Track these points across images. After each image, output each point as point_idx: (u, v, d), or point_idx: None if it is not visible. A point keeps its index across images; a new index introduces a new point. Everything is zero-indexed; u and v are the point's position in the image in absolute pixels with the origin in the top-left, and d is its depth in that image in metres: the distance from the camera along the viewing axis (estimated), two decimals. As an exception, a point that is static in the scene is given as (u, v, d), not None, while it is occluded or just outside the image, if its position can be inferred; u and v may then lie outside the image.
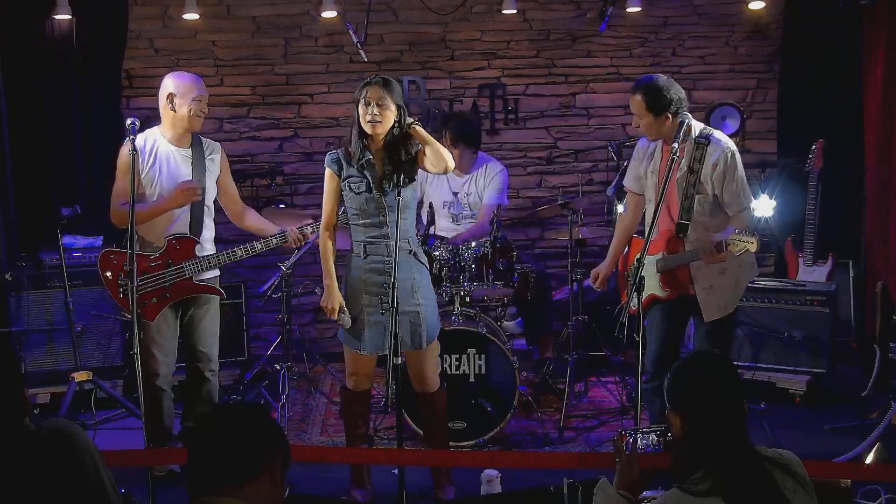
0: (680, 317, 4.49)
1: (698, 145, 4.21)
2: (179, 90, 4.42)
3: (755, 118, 6.96)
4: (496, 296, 5.35)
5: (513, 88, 6.92)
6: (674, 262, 4.28)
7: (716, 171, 4.20)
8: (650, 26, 6.92)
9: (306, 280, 6.76)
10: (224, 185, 4.66)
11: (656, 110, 4.18)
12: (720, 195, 4.23)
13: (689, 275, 4.29)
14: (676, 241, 4.29)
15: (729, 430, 2.51)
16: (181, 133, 4.48)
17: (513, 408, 4.93)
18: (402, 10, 6.73)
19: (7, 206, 5.93)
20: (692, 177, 4.20)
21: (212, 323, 4.62)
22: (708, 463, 2.47)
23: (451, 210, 5.81)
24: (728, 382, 2.59)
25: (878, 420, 4.84)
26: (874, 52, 6.29)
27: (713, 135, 4.26)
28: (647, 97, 4.19)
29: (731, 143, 4.29)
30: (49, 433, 2.53)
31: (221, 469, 2.12)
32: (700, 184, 4.22)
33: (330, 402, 5.74)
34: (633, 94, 4.25)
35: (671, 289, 4.33)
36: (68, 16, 5.95)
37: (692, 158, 4.21)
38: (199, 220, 4.51)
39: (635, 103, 4.24)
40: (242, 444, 2.14)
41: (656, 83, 4.21)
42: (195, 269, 4.47)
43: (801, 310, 5.65)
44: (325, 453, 4.46)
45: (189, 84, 4.44)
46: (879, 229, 6.29)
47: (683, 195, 4.22)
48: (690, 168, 4.21)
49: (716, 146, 4.22)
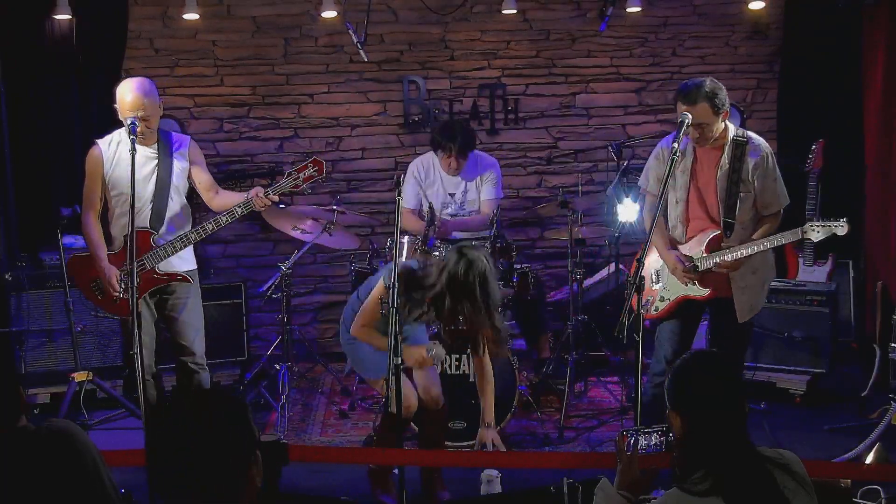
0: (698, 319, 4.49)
1: (737, 144, 4.21)
2: (118, 104, 4.48)
3: (755, 118, 6.95)
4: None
5: (513, 88, 6.91)
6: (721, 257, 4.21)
7: (758, 171, 4.21)
8: (650, 26, 6.92)
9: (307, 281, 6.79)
10: (196, 178, 4.69)
11: (719, 111, 4.14)
12: (759, 195, 4.24)
13: (726, 275, 4.26)
14: (721, 241, 4.25)
15: (729, 430, 2.50)
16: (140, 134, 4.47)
17: (513, 408, 4.92)
18: (402, 10, 6.72)
19: (7, 206, 5.93)
20: (735, 175, 4.18)
21: (190, 316, 4.64)
22: (708, 463, 2.46)
23: (448, 210, 5.85)
24: (729, 383, 2.59)
25: (878, 420, 4.83)
26: (874, 52, 6.29)
27: (749, 134, 4.28)
28: (711, 101, 4.11)
29: (768, 145, 4.32)
30: (49, 434, 2.53)
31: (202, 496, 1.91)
32: (743, 182, 4.21)
33: (330, 402, 5.74)
34: (692, 104, 4.11)
35: (710, 288, 4.28)
36: (68, 16, 5.95)
37: (732, 157, 4.21)
38: (160, 215, 4.55)
39: (701, 112, 4.11)
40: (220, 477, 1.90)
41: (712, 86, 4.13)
42: (155, 260, 4.52)
43: (801, 310, 5.65)
44: (325, 453, 4.46)
45: (120, 102, 4.44)
46: (879, 229, 6.29)
47: (727, 193, 4.19)
48: (732, 167, 4.19)
49: (755, 146, 4.23)
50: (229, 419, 1.96)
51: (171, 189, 4.58)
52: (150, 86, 4.50)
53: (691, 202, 4.35)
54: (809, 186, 5.98)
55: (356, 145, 6.85)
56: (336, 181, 6.83)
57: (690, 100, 4.13)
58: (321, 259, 6.85)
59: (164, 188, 4.55)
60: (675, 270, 4.31)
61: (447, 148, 5.69)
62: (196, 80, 6.66)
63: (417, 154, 6.55)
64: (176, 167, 4.60)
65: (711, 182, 4.26)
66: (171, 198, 4.59)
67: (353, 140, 6.85)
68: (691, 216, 4.35)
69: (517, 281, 5.34)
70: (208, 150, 6.65)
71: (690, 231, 4.36)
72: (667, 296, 4.40)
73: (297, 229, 5.75)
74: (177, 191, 4.62)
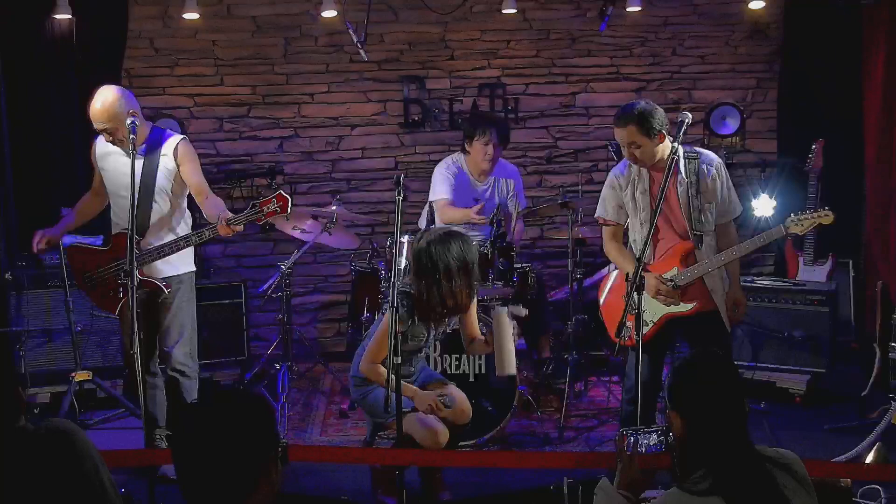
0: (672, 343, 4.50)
1: (690, 159, 4.22)
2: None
3: (755, 118, 6.96)
4: (496, 296, 5.34)
5: (513, 88, 6.92)
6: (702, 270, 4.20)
7: (716, 182, 4.23)
8: (650, 26, 6.92)
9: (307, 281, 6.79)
10: (186, 178, 4.54)
11: (650, 134, 4.10)
12: (718, 204, 4.25)
13: (703, 287, 4.24)
14: (693, 254, 4.24)
15: (729, 430, 2.51)
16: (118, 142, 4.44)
17: (513, 408, 4.93)
18: (402, 10, 6.72)
19: (7, 206, 5.93)
20: (693, 188, 4.19)
21: (172, 321, 4.53)
22: (708, 463, 2.47)
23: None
24: (729, 383, 2.59)
25: (878, 420, 4.83)
26: (874, 52, 6.29)
27: (698, 150, 4.32)
28: (641, 124, 4.10)
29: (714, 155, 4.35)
30: (48, 433, 2.53)
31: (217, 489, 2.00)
32: (703, 193, 4.21)
33: (330, 401, 5.74)
34: (622, 126, 4.14)
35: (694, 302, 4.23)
36: (68, 16, 5.95)
37: (688, 170, 4.20)
38: (145, 216, 4.46)
39: (628, 133, 4.12)
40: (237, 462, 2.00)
41: (642, 108, 4.14)
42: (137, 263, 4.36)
43: (801, 310, 5.65)
44: (325, 453, 4.45)
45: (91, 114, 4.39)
46: (879, 229, 6.29)
47: (690, 207, 4.19)
48: (690, 180, 4.19)
49: (707, 158, 4.26)
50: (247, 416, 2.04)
51: (155, 192, 4.47)
52: (116, 99, 4.37)
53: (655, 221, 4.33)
54: (809, 186, 5.98)
55: (356, 145, 6.85)
56: (336, 181, 6.84)
57: (620, 122, 4.17)
58: (321, 259, 6.86)
59: (147, 191, 4.44)
60: (656, 293, 4.24)
61: (487, 133, 5.59)
62: (196, 80, 6.66)
63: (417, 154, 6.57)
64: (161, 169, 4.49)
65: (673, 197, 4.23)
66: (157, 201, 4.49)
67: (353, 140, 6.85)
68: (659, 236, 4.31)
69: (517, 281, 5.34)
70: (208, 149, 6.66)
71: (659, 250, 4.33)
72: (650, 318, 4.31)
73: (297, 229, 5.75)
74: (163, 194, 4.51)
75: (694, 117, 4.25)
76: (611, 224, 4.41)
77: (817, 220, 4.10)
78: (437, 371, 4.74)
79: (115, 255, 4.45)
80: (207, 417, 2.06)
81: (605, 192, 4.44)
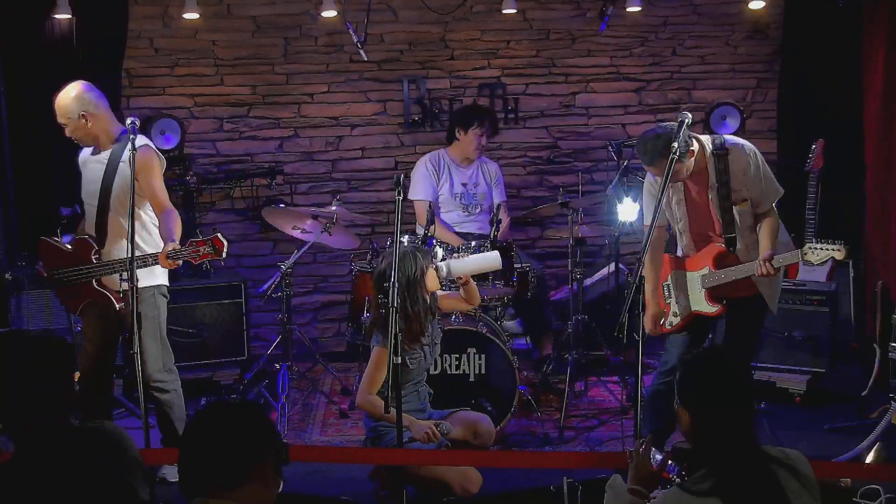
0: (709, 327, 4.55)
1: (718, 157, 4.16)
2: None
3: (755, 118, 6.96)
4: (496, 295, 5.35)
5: (513, 88, 6.91)
6: (728, 276, 4.23)
7: (747, 176, 4.18)
8: (650, 26, 6.92)
9: (307, 281, 6.78)
10: (142, 188, 4.29)
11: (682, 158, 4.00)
12: (753, 197, 4.22)
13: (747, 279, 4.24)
14: (727, 255, 4.26)
15: (736, 428, 2.48)
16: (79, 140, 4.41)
17: (513, 407, 4.92)
18: (402, 10, 6.72)
19: (7, 206, 5.93)
20: (724, 190, 4.16)
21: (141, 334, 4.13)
22: (711, 462, 2.46)
23: (462, 201, 5.95)
24: (738, 381, 2.56)
25: (878, 420, 4.83)
26: (874, 52, 6.28)
27: (727, 141, 4.22)
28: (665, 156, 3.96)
29: (749, 143, 4.28)
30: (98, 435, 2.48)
31: (211, 472, 2.12)
32: (735, 191, 4.17)
33: (330, 402, 5.74)
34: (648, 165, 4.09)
35: (720, 305, 4.29)
36: (68, 16, 5.94)
37: (718, 172, 4.16)
38: (102, 228, 4.37)
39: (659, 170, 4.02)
40: (232, 448, 2.14)
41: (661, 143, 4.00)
42: (91, 274, 4.33)
43: (801, 310, 5.64)
44: (325, 453, 4.45)
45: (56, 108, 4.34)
46: (879, 229, 6.29)
47: (722, 210, 4.18)
48: (720, 182, 4.16)
49: (737, 151, 4.18)
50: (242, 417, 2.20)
51: (111, 200, 4.34)
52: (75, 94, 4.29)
53: (693, 228, 4.35)
54: (809, 186, 5.97)
55: (356, 145, 6.85)
56: (336, 181, 6.84)
57: (646, 162, 4.11)
58: (321, 259, 6.85)
59: (105, 199, 4.33)
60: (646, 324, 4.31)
61: (481, 123, 5.88)
62: (196, 80, 6.66)
63: (417, 154, 6.56)
64: (120, 178, 4.32)
65: (706, 203, 4.24)
66: (114, 210, 4.35)
67: (353, 140, 6.85)
68: (697, 239, 4.36)
69: (517, 280, 5.34)
70: (208, 149, 6.67)
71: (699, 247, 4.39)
72: (679, 311, 4.39)
73: (297, 229, 5.75)
74: (119, 203, 4.33)
75: (694, 117, 4.24)
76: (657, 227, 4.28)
77: (832, 252, 4.10)
78: (437, 371, 4.76)
79: (75, 258, 4.36)
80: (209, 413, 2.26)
81: (645, 199, 4.45)
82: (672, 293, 4.45)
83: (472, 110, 6.10)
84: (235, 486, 2.11)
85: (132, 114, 5.20)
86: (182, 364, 5.83)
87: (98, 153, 4.46)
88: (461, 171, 6.01)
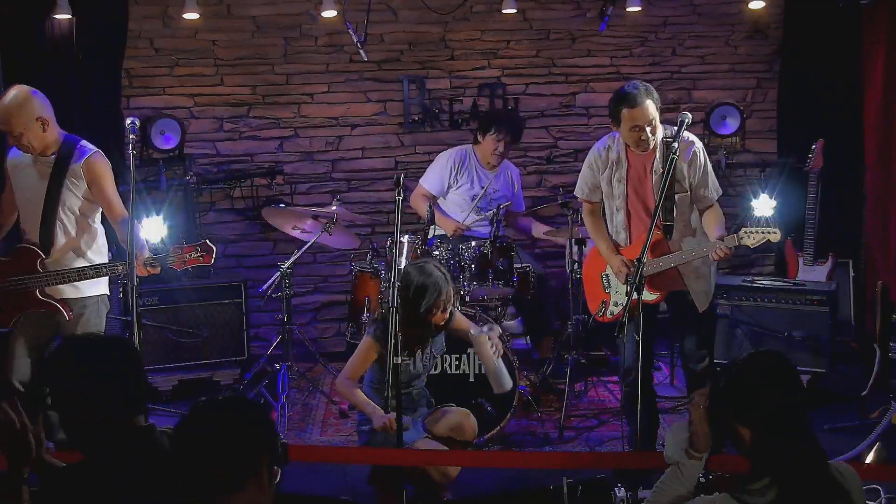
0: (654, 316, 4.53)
1: (667, 144, 4.21)
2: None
3: (755, 118, 6.96)
4: (496, 295, 5.35)
5: (513, 88, 6.91)
6: (666, 263, 4.27)
7: (691, 168, 4.25)
8: (650, 26, 6.92)
9: (307, 281, 6.78)
10: (97, 197, 4.25)
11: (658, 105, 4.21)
12: (696, 189, 4.28)
13: (676, 271, 4.31)
14: (662, 243, 4.29)
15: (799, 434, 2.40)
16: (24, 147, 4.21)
17: (513, 407, 4.92)
18: (402, 10, 6.72)
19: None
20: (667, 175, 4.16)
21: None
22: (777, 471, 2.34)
23: (479, 204, 5.87)
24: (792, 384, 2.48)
25: (878, 420, 4.83)
26: (874, 52, 6.29)
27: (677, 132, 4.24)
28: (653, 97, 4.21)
29: (697, 139, 4.38)
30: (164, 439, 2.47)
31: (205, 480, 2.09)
32: (678, 182, 4.23)
33: (330, 401, 5.74)
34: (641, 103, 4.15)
35: (660, 291, 4.35)
36: (68, 15, 5.94)
37: (664, 159, 4.22)
38: (49, 236, 4.21)
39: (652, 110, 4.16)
40: (226, 456, 2.10)
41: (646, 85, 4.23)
42: (38, 283, 4.19)
43: (801, 310, 5.64)
44: (325, 453, 4.46)
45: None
46: (879, 229, 6.29)
47: (663, 197, 4.18)
48: (664, 167, 4.18)
49: (684, 144, 4.23)
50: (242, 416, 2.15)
51: (60, 208, 4.20)
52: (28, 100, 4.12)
53: (632, 208, 4.41)
54: (809, 186, 5.98)
55: (356, 145, 6.85)
56: (336, 181, 6.84)
57: (640, 99, 4.17)
58: (321, 259, 6.85)
59: (52, 207, 4.16)
60: (620, 274, 4.38)
61: (499, 129, 5.85)
62: (196, 80, 6.66)
63: (417, 154, 6.57)
64: (69, 185, 4.20)
65: (648, 186, 4.28)
66: (62, 218, 4.23)
67: (353, 140, 6.85)
68: (633, 222, 4.40)
69: (517, 280, 5.34)
70: (208, 149, 6.67)
71: (634, 236, 4.41)
72: (619, 300, 4.45)
73: (297, 229, 5.76)
74: (69, 212, 4.23)
75: (694, 117, 4.27)
76: (587, 202, 4.57)
77: (767, 235, 4.14)
78: (437, 371, 4.76)
79: (16, 268, 4.21)
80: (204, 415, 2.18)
81: (584, 171, 4.56)
82: (611, 282, 4.54)
83: (493, 115, 6.16)
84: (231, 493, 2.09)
85: (132, 114, 5.21)
86: (182, 364, 5.87)
87: (35, 158, 4.24)
88: (484, 174, 5.97)
